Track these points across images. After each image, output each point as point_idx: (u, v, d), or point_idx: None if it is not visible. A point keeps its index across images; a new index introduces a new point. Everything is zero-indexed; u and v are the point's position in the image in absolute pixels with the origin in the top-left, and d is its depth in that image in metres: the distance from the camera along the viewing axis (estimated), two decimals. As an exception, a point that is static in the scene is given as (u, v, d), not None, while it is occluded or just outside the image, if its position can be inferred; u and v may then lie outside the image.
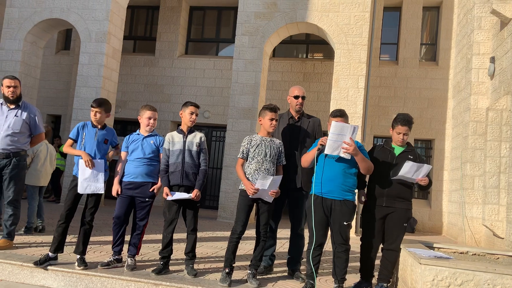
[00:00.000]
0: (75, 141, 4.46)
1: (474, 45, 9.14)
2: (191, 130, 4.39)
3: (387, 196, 3.98)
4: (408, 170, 3.81)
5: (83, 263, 4.22)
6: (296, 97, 4.58)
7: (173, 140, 4.34)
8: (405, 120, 3.99)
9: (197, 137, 4.36)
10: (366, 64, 9.39)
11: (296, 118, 4.64)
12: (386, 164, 4.01)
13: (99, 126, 4.48)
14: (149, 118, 4.45)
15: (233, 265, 4.08)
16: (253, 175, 4.10)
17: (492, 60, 8.67)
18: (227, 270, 4.03)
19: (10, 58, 10.58)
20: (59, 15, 10.57)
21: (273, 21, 9.97)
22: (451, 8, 11.79)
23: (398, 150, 4.09)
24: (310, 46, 13.06)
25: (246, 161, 4.20)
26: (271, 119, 4.16)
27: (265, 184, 3.96)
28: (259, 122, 4.27)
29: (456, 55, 11.24)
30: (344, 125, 3.72)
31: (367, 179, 4.19)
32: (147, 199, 4.38)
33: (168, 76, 13.21)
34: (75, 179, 4.37)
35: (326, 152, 3.79)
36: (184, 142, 4.31)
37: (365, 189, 4.19)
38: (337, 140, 3.71)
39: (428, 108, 11.71)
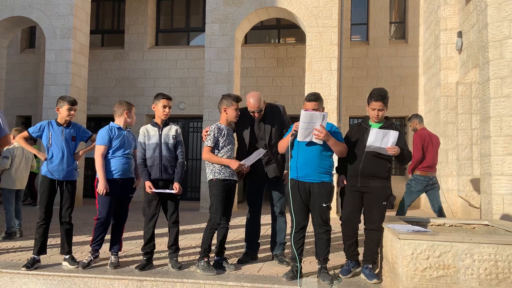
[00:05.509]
0: (31, 137, 4.35)
1: (441, 20, 9.28)
2: (166, 123, 4.33)
3: (362, 176, 3.93)
4: (374, 138, 3.72)
5: (75, 261, 4.22)
6: (252, 112, 4.39)
7: (149, 134, 4.25)
8: (379, 95, 3.85)
9: (172, 129, 4.30)
10: (337, 45, 9.43)
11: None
12: (360, 143, 3.95)
13: (64, 124, 4.35)
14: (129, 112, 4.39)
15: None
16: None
17: (459, 34, 8.83)
18: (206, 259, 4.08)
19: (-29, 60, 10.18)
20: (20, 12, 10.19)
21: (243, 7, 9.86)
22: (417, -15, 11.91)
23: (375, 127, 3.94)
24: (282, 30, 13.01)
25: (214, 148, 4.17)
26: (236, 109, 4.27)
27: (250, 160, 4.20)
28: (224, 111, 4.25)
29: (424, 32, 11.39)
30: (314, 113, 3.69)
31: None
32: (130, 195, 4.36)
33: (140, 69, 12.97)
34: (44, 179, 4.27)
35: (298, 139, 3.80)
36: (160, 135, 4.24)
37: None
38: (308, 128, 3.72)
39: (401, 86, 11.88)
